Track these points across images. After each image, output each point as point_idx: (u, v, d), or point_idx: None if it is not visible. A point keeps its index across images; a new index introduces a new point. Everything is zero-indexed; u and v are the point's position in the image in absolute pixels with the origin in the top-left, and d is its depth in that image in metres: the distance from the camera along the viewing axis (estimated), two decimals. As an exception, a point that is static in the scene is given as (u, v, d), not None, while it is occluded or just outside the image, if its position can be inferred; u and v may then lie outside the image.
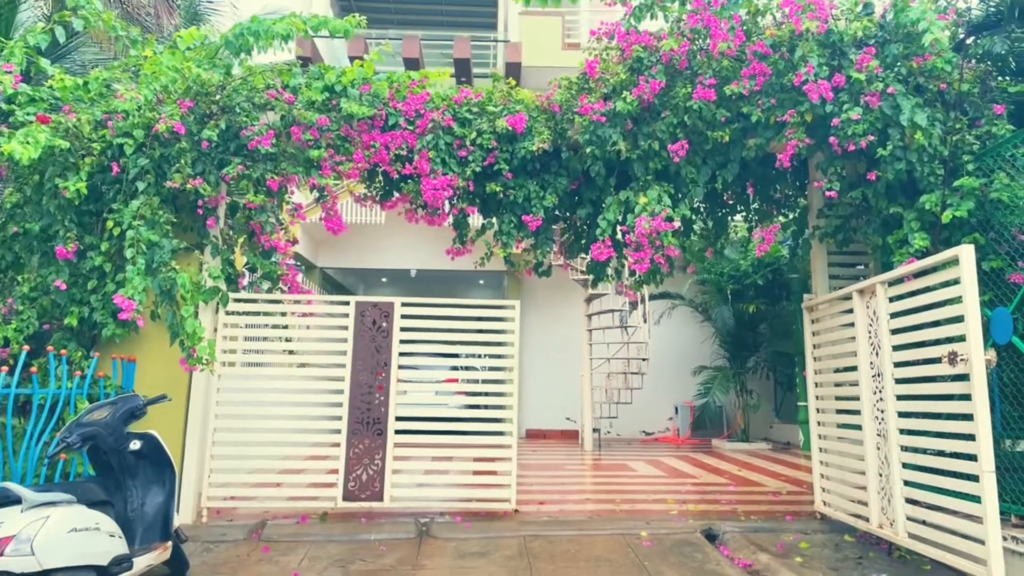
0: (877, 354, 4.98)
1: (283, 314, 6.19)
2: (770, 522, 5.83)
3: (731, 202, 6.83)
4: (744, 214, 7.02)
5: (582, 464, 10.01)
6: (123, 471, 4.29)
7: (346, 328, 6.02)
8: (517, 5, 7.69)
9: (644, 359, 11.99)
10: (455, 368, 10.05)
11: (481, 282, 17.39)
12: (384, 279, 17.48)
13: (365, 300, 6.11)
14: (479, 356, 6.91)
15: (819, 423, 6.04)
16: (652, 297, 12.36)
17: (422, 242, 13.59)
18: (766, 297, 12.15)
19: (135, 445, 4.31)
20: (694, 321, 13.60)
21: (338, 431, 5.85)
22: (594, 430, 11.97)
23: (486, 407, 6.35)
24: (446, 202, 5.90)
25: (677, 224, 5.47)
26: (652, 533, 5.52)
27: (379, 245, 13.83)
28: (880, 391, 4.95)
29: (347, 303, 6.10)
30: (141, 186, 5.21)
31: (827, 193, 5.37)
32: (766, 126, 5.52)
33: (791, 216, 7.05)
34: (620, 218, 5.72)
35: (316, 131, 5.69)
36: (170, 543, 4.23)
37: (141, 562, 3.93)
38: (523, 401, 13.87)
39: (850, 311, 5.42)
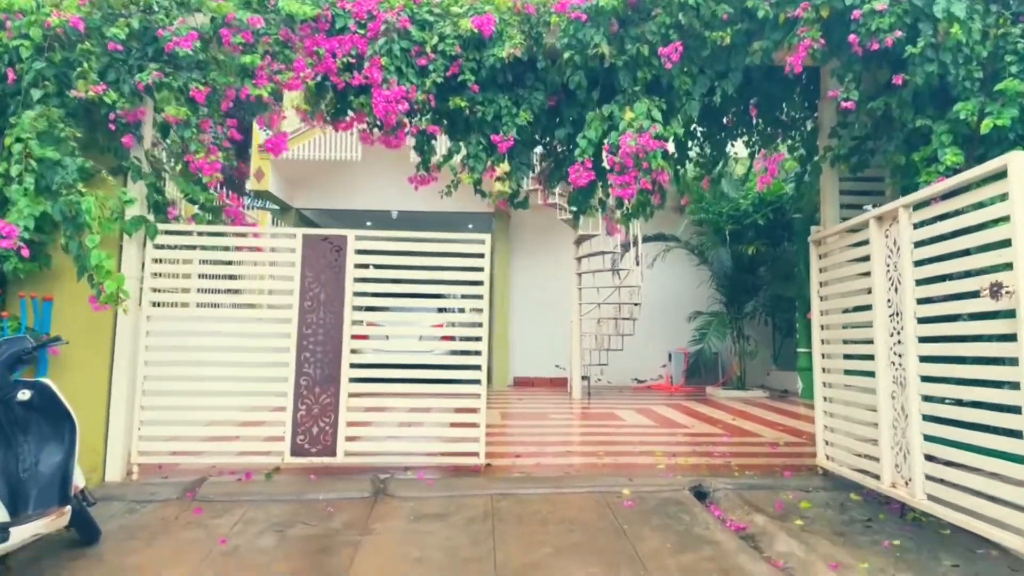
0: (896, 290, 4.30)
1: (225, 248, 5.49)
2: (767, 478, 5.25)
3: (731, 123, 6.05)
4: (746, 139, 6.25)
5: (568, 413, 9.47)
6: (12, 425, 3.66)
7: (292, 265, 5.33)
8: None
9: (636, 304, 11.35)
10: (440, 310, 9.42)
11: (471, 226, 16.62)
12: (369, 222, 16.72)
13: (313, 232, 5.40)
14: (445, 297, 6.24)
15: (824, 369, 5.40)
16: (645, 239, 11.64)
17: (404, 181, 12.81)
18: (767, 238, 11.44)
19: (24, 395, 3.67)
20: (690, 264, 12.91)
21: (285, 379, 5.22)
22: (583, 378, 11.42)
23: (453, 352, 5.69)
24: (403, 118, 5.11)
25: (669, 145, 4.73)
26: (635, 491, 4.94)
27: (359, 184, 13.03)
28: (899, 332, 4.29)
29: (293, 236, 5.39)
30: (37, 94, 4.43)
31: (843, 104, 4.61)
32: (774, 26, 4.72)
33: (798, 140, 6.28)
34: (603, 137, 4.96)
35: (249, 34, 4.88)
36: (68, 508, 3.62)
37: (25, 531, 3.32)
38: (511, 348, 13.30)
39: (865, 242, 4.73)
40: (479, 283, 5.47)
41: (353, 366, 5.30)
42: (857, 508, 4.61)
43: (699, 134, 6.26)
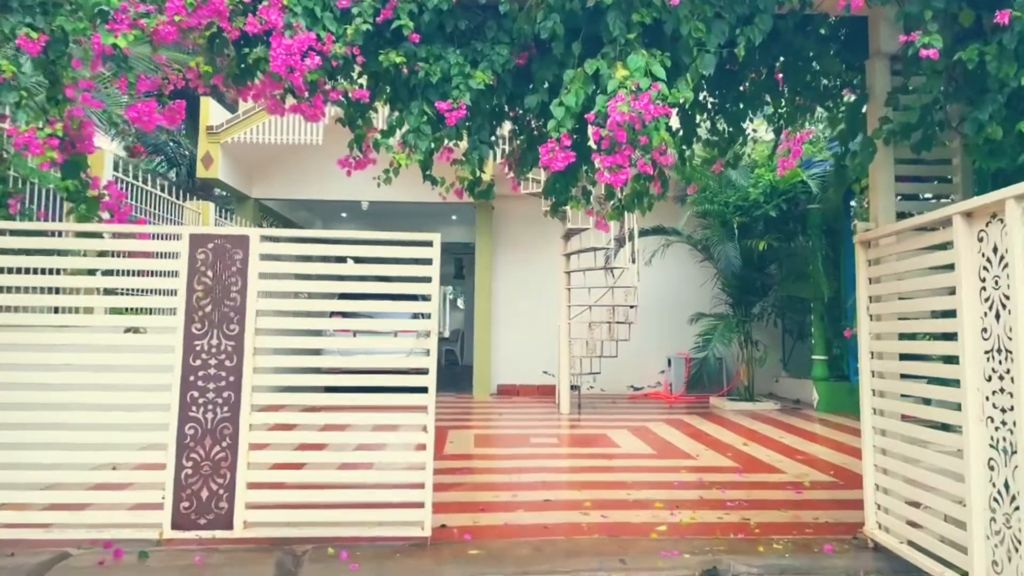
0: (998, 316, 3.03)
1: (83, 254, 4.21)
2: (802, 555, 3.99)
3: (751, 91, 4.74)
4: (771, 111, 4.95)
5: (553, 434, 8.21)
6: None
7: (176, 275, 4.04)
8: None
9: (632, 306, 10.07)
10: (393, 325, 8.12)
11: (454, 217, 15.32)
12: (344, 213, 15.40)
13: (205, 233, 4.10)
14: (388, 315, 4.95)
15: (876, 411, 4.13)
16: (642, 232, 10.34)
17: (376, 169, 11.49)
18: (779, 232, 10.17)
19: None
20: (692, 261, 11.63)
21: (165, 426, 3.94)
22: (572, 388, 10.16)
23: (393, 389, 4.39)
24: (316, 77, 3.78)
25: (673, 112, 3.44)
26: (628, 580, 3.69)
27: (325, 171, 11.68)
28: (1001, 376, 3.02)
29: (177, 236, 4.09)
30: None
31: (923, 52, 3.30)
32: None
33: (836, 111, 4.98)
34: (587, 103, 3.67)
35: (101, -40, 3.57)
36: None
37: None
38: (494, 353, 12.04)
39: (944, 247, 3.46)
40: (425, 297, 4.19)
41: (257, 409, 4.02)
42: (933, 613, 3.36)
43: (710, 105, 4.95)
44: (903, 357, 3.99)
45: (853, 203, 9.71)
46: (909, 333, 3.95)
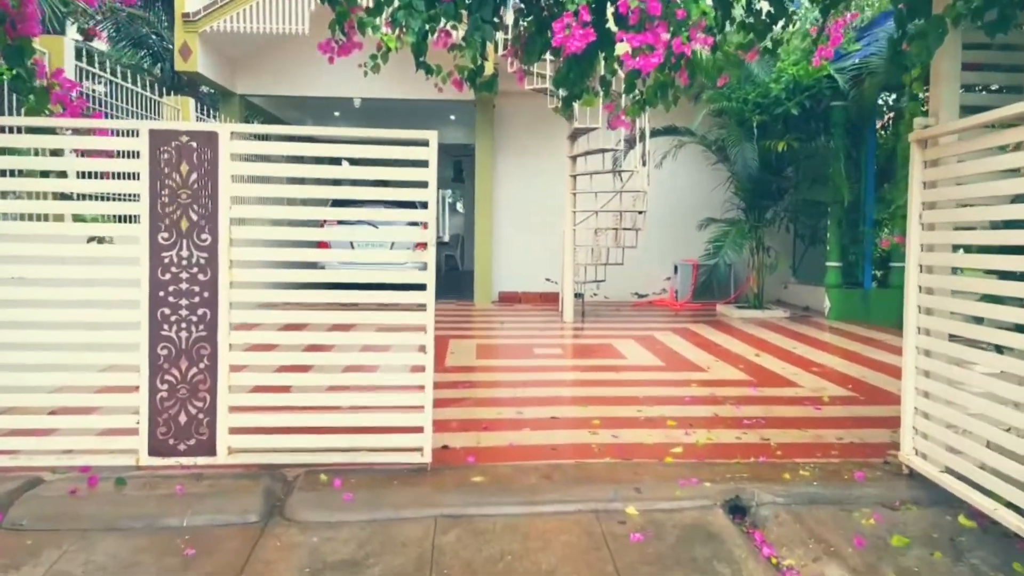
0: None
1: (36, 152, 3.70)
2: (831, 483, 3.71)
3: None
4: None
5: (556, 344, 7.92)
6: None
7: (136, 177, 3.54)
8: None
9: (641, 212, 9.56)
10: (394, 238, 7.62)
11: (452, 117, 14.54)
12: (336, 112, 14.59)
13: (167, 128, 3.57)
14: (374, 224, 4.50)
15: (922, 329, 3.75)
16: (654, 132, 9.68)
17: (363, 56, 10.65)
18: (800, 132, 9.52)
19: None
20: (705, 163, 11.03)
21: (136, 347, 3.57)
22: (576, 295, 9.83)
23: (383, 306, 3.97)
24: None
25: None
26: (645, 510, 3.42)
27: (314, 65, 10.83)
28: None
29: (135, 133, 3.56)
30: None
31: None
32: None
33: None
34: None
35: None
36: None
37: None
38: (495, 259, 11.65)
39: (1017, 147, 2.97)
40: (422, 205, 3.71)
41: (235, 328, 3.64)
42: (981, 546, 3.09)
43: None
44: (960, 272, 3.56)
45: (884, 99, 9.05)
46: (975, 248, 3.51)
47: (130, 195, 3.60)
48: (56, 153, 3.99)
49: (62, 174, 3.98)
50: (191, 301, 3.57)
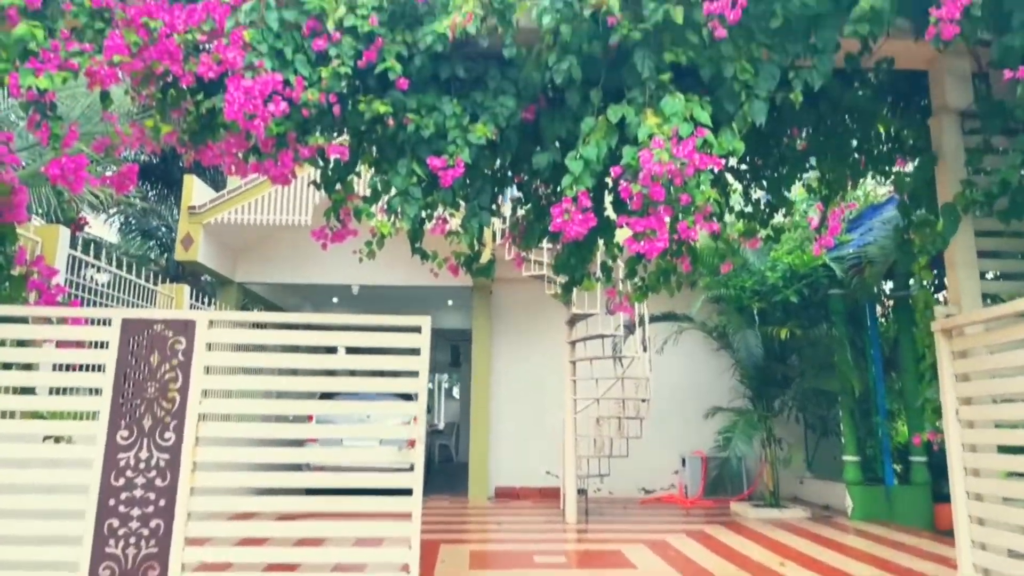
0: None
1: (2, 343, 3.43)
2: None
3: (804, 148, 4.11)
4: (817, 177, 4.32)
5: (559, 551, 7.16)
6: None
7: (102, 369, 3.25)
8: None
9: (644, 400, 9.19)
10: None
11: (450, 302, 14.63)
12: (335, 299, 14.71)
13: (142, 318, 3.34)
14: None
15: (977, 543, 3.25)
16: (653, 318, 9.59)
17: (358, 242, 10.86)
18: (801, 319, 9.42)
19: None
20: (707, 349, 10.84)
21: (75, 567, 3.05)
22: (579, 491, 9.13)
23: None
24: (281, 129, 3.12)
25: (723, 163, 2.77)
26: None
27: (313, 253, 11.05)
28: None
29: (109, 322, 3.32)
30: None
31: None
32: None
33: (887, 176, 4.35)
34: (609, 158, 3.00)
35: (31, -9, 2.98)
36: None
37: None
38: (491, 451, 11.05)
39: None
40: (410, 397, 3.39)
41: (191, 543, 3.14)
42: None
43: (746, 169, 4.33)
44: (1012, 475, 3.16)
45: (888, 286, 9.08)
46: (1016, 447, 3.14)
47: (92, 389, 3.27)
48: (23, 344, 3.73)
49: (27, 366, 3.69)
50: (144, 511, 3.11)
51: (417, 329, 3.40)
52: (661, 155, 2.56)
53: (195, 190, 9.77)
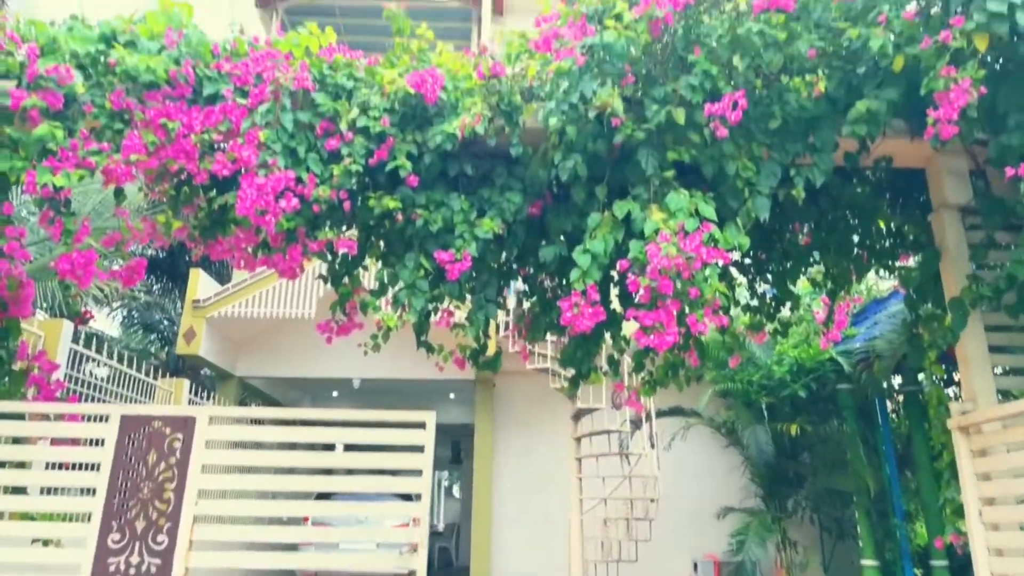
0: None
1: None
2: None
3: (808, 242, 4.14)
4: (821, 272, 4.34)
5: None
6: None
7: (97, 468, 3.15)
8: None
9: (652, 500, 8.89)
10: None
11: (452, 396, 14.44)
12: (335, 392, 14.54)
13: (140, 414, 3.27)
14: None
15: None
16: (659, 413, 9.42)
17: (363, 335, 10.82)
18: (811, 415, 9.25)
19: None
20: (716, 446, 10.58)
21: None
22: (587, 599, 8.68)
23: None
24: (292, 225, 3.16)
25: (731, 258, 2.79)
26: None
27: (315, 346, 10.98)
28: None
29: (106, 418, 3.25)
30: None
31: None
32: (885, 73, 2.96)
33: (892, 271, 4.37)
34: (616, 252, 3.02)
35: (52, 94, 3.09)
36: None
37: None
38: (493, 553, 10.60)
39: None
40: (411, 498, 3.26)
41: (176, 656, 2.94)
42: None
43: (748, 262, 4.35)
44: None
45: (897, 381, 8.96)
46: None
47: (86, 489, 3.17)
48: (19, 441, 3.64)
49: (21, 464, 3.59)
50: (129, 619, 2.94)
51: (421, 425, 3.31)
52: (669, 249, 2.57)
53: (200, 283, 9.85)
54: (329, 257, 3.68)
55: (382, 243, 3.82)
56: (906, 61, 2.87)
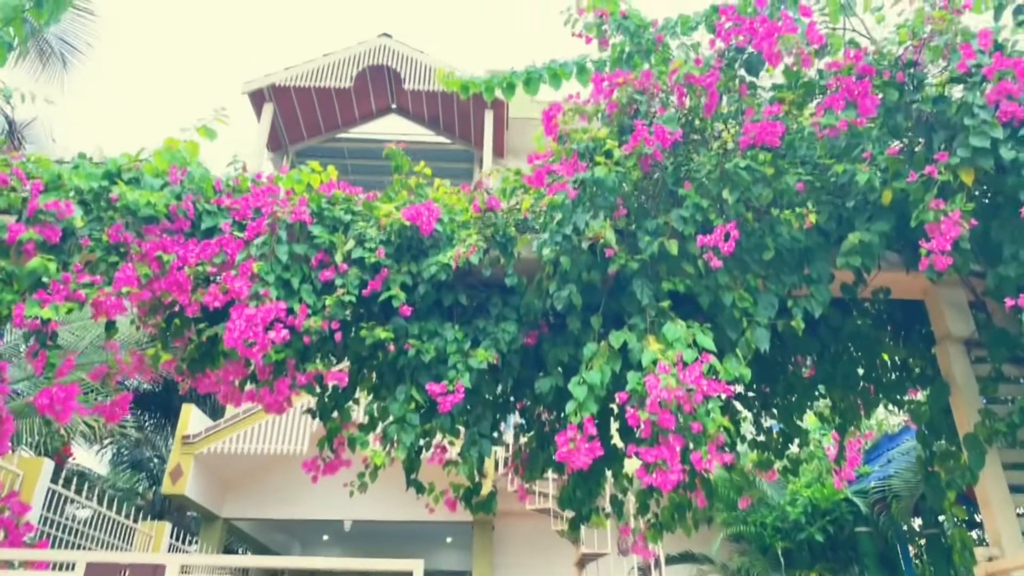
0: None
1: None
2: None
3: (812, 374, 4.03)
4: (828, 406, 4.20)
5: None
6: None
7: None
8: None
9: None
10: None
11: (449, 539, 13.71)
12: (325, 536, 13.82)
13: (107, 562, 3.04)
14: None
15: None
16: (669, 560, 8.86)
17: (351, 474, 10.38)
18: (827, 560, 8.69)
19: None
20: (730, 597, 9.85)
21: None
22: None
23: None
24: (281, 356, 3.08)
25: (733, 391, 2.68)
26: None
27: (304, 487, 10.56)
28: None
29: (73, 566, 3.01)
30: None
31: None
32: (873, 205, 3.00)
33: (901, 405, 4.22)
34: (613, 383, 2.92)
35: (50, 228, 3.12)
36: None
37: None
38: None
39: None
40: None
41: None
42: None
43: (751, 395, 4.22)
44: None
45: (916, 522, 8.47)
46: None
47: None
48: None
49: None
50: None
51: (408, 574, 3.06)
52: (668, 380, 2.47)
53: (192, 419, 9.62)
54: (318, 390, 3.56)
55: (375, 376, 3.73)
56: (894, 194, 2.91)
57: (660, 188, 3.24)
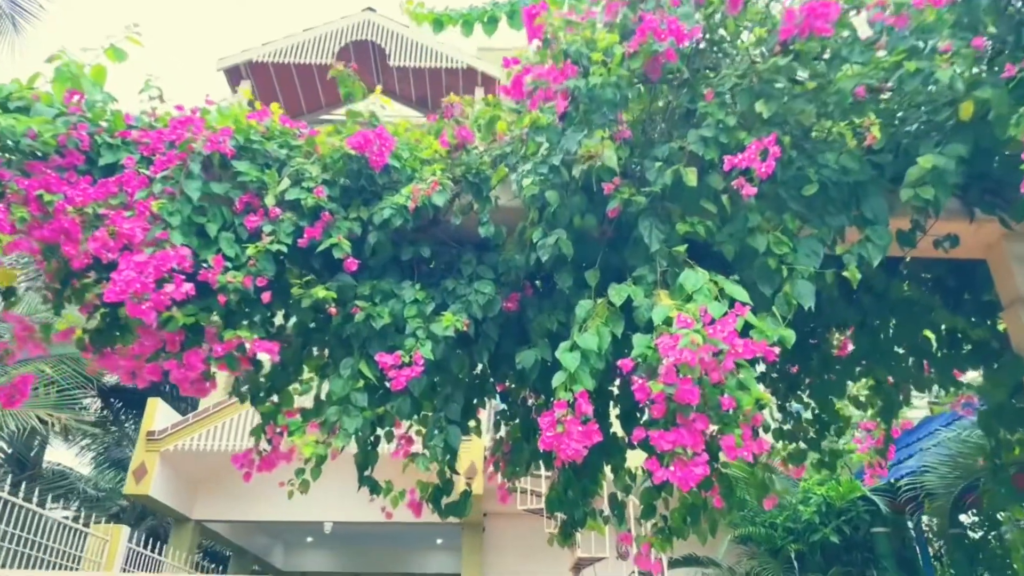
0: None
1: None
2: None
3: (844, 353, 3.37)
4: (869, 385, 3.55)
5: None
6: None
7: None
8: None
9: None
10: None
11: (439, 541, 13.04)
12: (309, 538, 13.13)
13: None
14: None
15: None
16: (672, 563, 8.20)
17: (342, 481, 9.70)
18: (843, 563, 8.04)
19: None
20: (738, 600, 9.21)
21: None
22: None
23: None
24: (191, 319, 2.40)
25: (775, 353, 2.02)
26: None
27: (282, 487, 9.89)
28: None
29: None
30: None
31: None
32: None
33: (946, 387, 3.56)
34: (614, 352, 2.25)
35: None
36: None
37: None
38: None
39: None
40: None
41: None
42: None
43: (774, 376, 3.57)
44: None
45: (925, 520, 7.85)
46: None
47: None
48: None
49: None
50: None
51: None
52: (691, 336, 1.81)
53: (158, 413, 8.92)
54: (247, 366, 2.89)
55: (327, 352, 3.06)
56: (976, 108, 2.26)
57: (672, 111, 2.57)
